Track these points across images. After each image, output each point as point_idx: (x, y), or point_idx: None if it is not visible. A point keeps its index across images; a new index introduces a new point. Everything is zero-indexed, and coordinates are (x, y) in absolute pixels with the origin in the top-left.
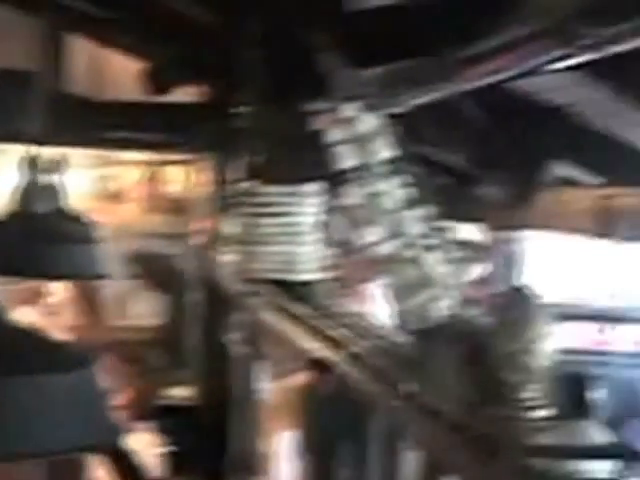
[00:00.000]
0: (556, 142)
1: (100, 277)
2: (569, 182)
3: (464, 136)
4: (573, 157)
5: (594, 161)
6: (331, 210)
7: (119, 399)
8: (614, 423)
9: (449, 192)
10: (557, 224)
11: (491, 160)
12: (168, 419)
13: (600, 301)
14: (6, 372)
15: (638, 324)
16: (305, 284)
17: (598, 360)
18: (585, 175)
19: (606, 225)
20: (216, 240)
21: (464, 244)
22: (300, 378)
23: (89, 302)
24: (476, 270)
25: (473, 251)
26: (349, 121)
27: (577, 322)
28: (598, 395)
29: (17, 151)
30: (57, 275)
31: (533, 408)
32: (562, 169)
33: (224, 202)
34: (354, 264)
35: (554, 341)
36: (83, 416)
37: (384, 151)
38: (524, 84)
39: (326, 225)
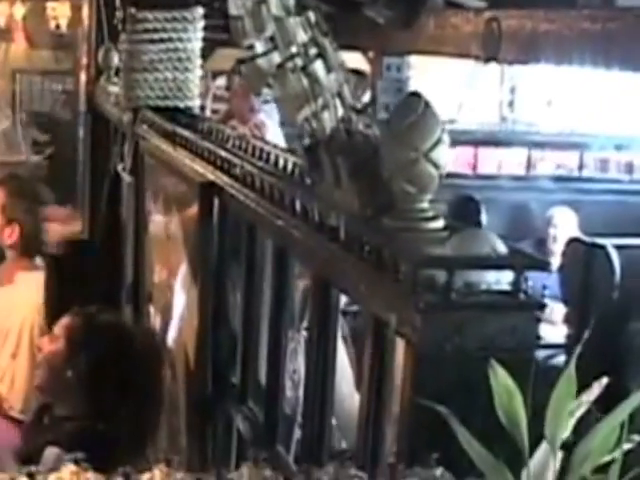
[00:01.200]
0: None
1: None
2: (455, 5)
3: None
4: None
5: None
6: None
7: (8, 235)
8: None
9: (333, 20)
10: (444, 48)
11: None
12: (60, 254)
13: (490, 125)
14: None
15: (527, 147)
16: (191, 110)
17: (488, 184)
18: None
19: (492, 48)
20: (102, 71)
21: (351, 72)
22: (190, 210)
23: None
24: (365, 97)
25: (360, 79)
26: None
27: (467, 146)
28: (489, 217)
29: None
30: None
31: (428, 219)
32: None
33: (108, 32)
34: (243, 91)
35: (447, 149)
36: None
37: None
38: None
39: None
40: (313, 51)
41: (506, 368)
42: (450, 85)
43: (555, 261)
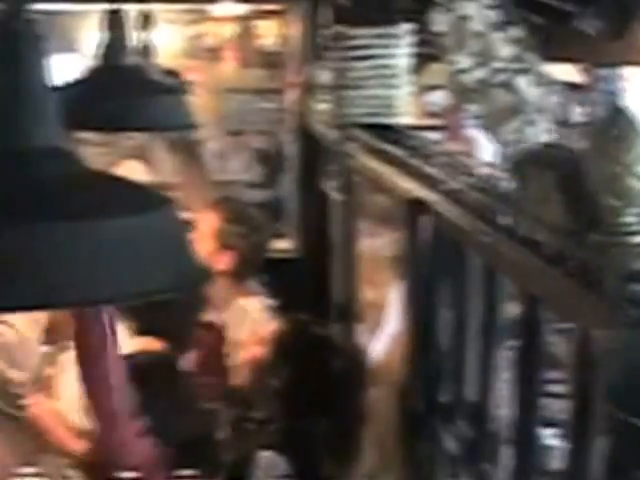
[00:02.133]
0: None
1: (188, 127)
2: None
3: None
4: None
5: None
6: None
7: (222, 261)
8: None
9: (544, 31)
10: None
11: None
12: (271, 273)
13: None
14: (80, 216)
15: None
16: (400, 126)
17: None
18: None
19: None
20: (310, 89)
21: (561, 85)
22: (398, 227)
23: (190, 158)
24: (576, 111)
25: (572, 91)
26: None
27: None
28: None
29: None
30: (144, 126)
31: (635, 233)
32: None
33: (316, 50)
34: (453, 105)
35: None
36: (164, 258)
37: None
38: None
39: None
40: (517, 66)
41: None
42: None
43: None
